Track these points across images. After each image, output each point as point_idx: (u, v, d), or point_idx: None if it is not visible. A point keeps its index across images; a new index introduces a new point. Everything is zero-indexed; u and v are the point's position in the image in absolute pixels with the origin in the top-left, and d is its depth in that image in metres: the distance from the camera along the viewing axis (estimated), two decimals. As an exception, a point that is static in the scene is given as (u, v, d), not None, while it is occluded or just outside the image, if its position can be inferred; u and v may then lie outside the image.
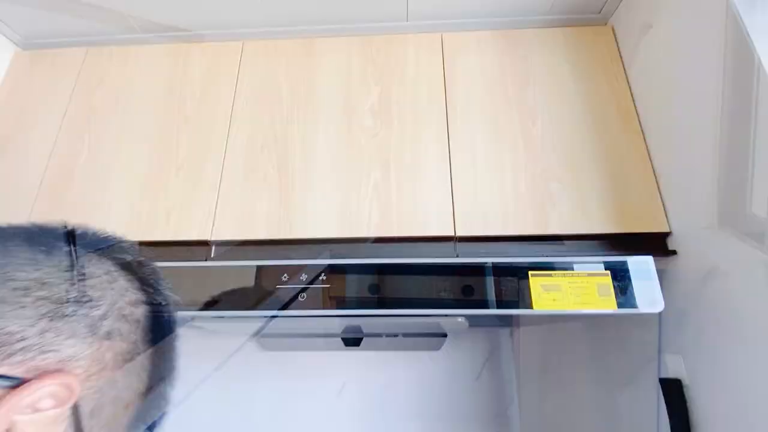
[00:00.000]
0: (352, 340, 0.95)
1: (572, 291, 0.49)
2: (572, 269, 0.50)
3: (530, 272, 0.50)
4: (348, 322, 0.82)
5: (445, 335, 0.95)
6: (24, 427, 0.21)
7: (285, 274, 0.55)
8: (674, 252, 0.65)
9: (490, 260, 0.54)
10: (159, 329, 0.29)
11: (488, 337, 1.01)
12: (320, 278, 0.54)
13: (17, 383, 0.21)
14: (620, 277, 0.50)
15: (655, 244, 0.67)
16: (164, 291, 0.31)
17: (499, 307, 0.50)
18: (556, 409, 0.91)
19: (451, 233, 0.68)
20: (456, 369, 0.97)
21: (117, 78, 0.84)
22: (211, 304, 0.55)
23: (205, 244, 0.70)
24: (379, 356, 0.98)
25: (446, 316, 0.57)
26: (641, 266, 0.50)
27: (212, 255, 0.70)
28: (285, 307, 0.53)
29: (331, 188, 0.72)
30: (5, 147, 0.80)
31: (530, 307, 0.48)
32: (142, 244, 0.69)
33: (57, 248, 0.27)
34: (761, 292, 0.50)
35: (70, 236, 0.28)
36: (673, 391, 0.64)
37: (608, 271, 0.50)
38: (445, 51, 0.82)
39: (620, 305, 0.48)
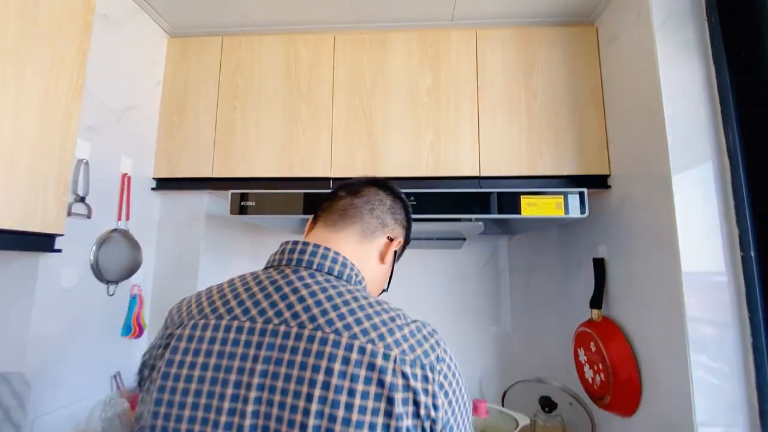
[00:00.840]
0: (404, 242, 1.44)
1: (543, 205, 0.94)
2: (543, 194, 0.95)
3: (521, 196, 0.95)
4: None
5: (464, 239, 1.43)
6: (390, 252, 0.64)
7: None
8: (609, 186, 1.10)
9: (499, 190, 0.99)
10: (409, 230, 0.69)
11: (492, 242, 1.49)
12: (410, 198, 0.99)
13: (391, 240, 0.63)
14: (568, 199, 0.94)
15: (600, 181, 1.11)
16: (411, 211, 0.71)
17: (500, 212, 0.95)
18: (536, 286, 1.43)
19: (477, 174, 1.11)
20: (470, 261, 1.48)
21: (249, 63, 1.21)
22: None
23: (326, 179, 1.14)
24: (422, 252, 1.48)
25: (472, 220, 1.02)
26: (579, 194, 0.95)
27: (331, 186, 1.14)
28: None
29: (402, 144, 1.14)
30: (183, 113, 1.20)
31: (520, 213, 0.94)
32: (289, 179, 1.13)
33: (387, 191, 0.65)
34: (646, 211, 0.95)
35: (383, 184, 0.66)
36: (598, 265, 1.13)
37: (561, 196, 0.94)
38: (478, 44, 1.18)
39: (565, 212, 0.93)
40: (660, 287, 0.89)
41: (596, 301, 1.12)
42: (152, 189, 1.18)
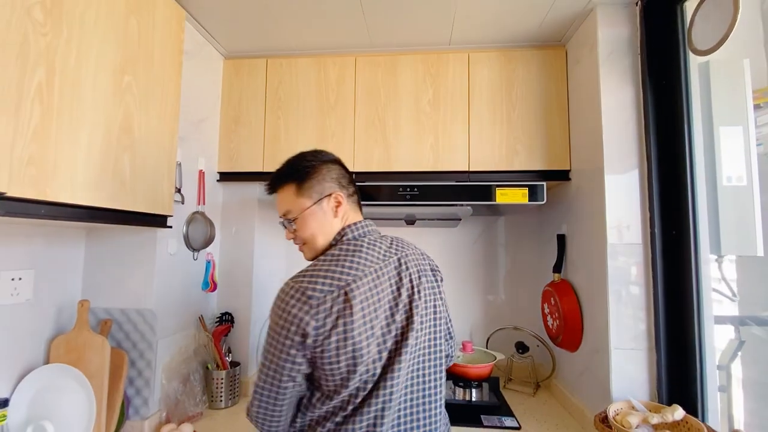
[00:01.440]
0: (411, 221, 1.78)
1: (512, 194, 1.26)
2: (512, 186, 1.27)
3: (497, 187, 1.28)
4: (408, 212, 1.62)
5: (459, 219, 1.76)
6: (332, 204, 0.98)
7: (400, 188, 1.33)
8: (570, 179, 1.41)
9: (482, 183, 1.31)
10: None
11: (483, 222, 1.82)
12: (414, 189, 1.32)
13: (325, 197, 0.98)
14: (531, 189, 1.27)
15: (562, 175, 1.42)
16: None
17: (482, 200, 1.28)
18: (517, 257, 1.76)
19: (466, 169, 1.44)
20: (464, 237, 1.81)
21: (289, 80, 1.53)
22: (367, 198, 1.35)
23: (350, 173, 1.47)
24: (424, 230, 1.82)
25: (462, 205, 1.35)
26: (539, 185, 1.27)
27: (354, 178, 1.48)
28: (400, 199, 1.32)
29: (409, 145, 1.47)
30: (238, 121, 1.54)
31: (495, 200, 1.26)
32: (322, 173, 1.47)
33: (333, 160, 0.99)
34: (589, 199, 1.27)
35: (333, 157, 0.99)
36: (560, 239, 1.46)
37: (526, 188, 1.27)
38: (470, 64, 1.47)
39: (529, 200, 1.26)
40: (595, 255, 1.22)
41: (557, 267, 1.46)
42: (217, 180, 1.54)
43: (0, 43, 0.69)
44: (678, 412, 0.98)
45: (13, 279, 1.00)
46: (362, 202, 1.38)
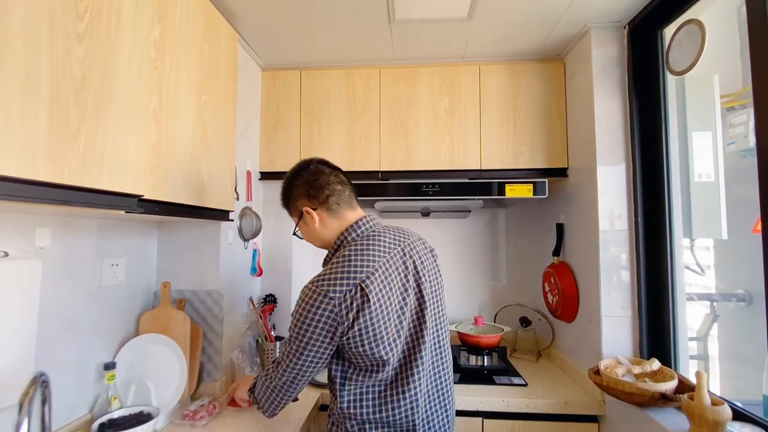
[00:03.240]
0: (426, 213, 2.00)
1: (519, 189, 1.49)
2: (519, 183, 1.50)
3: (506, 183, 1.50)
4: (425, 205, 1.84)
5: (469, 211, 1.99)
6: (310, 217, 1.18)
7: (424, 185, 1.55)
8: (567, 175, 1.64)
9: (492, 180, 1.53)
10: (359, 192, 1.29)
11: (490, 213, 2.05)
12: (436, 186, 1.54)
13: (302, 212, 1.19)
14: (535, 184, 1.49)
15: (561, 172, 1.65)
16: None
17: (493, 195, 1.51)
18: (520, 243, 2.00)
19: (479, 167, 1.66)
20: (473, 227, 2.04)
21: (321, 90, 1.73)
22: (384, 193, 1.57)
23: (376, 172, 1.69)
24: (438, 221, 2.05)
25: (474, 199, 1.57)
26: (542, 181, 1.50)
27: (380, 177, 1.70)
28: (422, 194, 1.54)
29: (428, 147, 1.68)
30: (276, 126, 1.74)
31: (505, 195, 1.49)
32: (352, 172, 1.69)
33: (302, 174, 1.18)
34: (584, 192, 1.50)
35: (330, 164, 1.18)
36: (559, 227, 1.69)
37: (531, 184, 1.49)
38: (481, 75, 1.69)
39: (533, 194, 1.49)
40: (589, 240, 1.46)
41: (556, 251, 1.69)
42: (259, 179, 1.75)
43: (136, 80, 0.89)
44: (655, 364, 1.22)
45: (112, 265, 1.21)
46: (389, 198, 1.62)
